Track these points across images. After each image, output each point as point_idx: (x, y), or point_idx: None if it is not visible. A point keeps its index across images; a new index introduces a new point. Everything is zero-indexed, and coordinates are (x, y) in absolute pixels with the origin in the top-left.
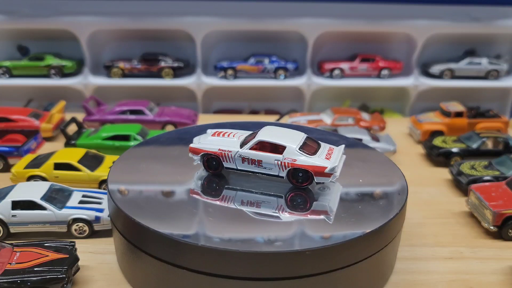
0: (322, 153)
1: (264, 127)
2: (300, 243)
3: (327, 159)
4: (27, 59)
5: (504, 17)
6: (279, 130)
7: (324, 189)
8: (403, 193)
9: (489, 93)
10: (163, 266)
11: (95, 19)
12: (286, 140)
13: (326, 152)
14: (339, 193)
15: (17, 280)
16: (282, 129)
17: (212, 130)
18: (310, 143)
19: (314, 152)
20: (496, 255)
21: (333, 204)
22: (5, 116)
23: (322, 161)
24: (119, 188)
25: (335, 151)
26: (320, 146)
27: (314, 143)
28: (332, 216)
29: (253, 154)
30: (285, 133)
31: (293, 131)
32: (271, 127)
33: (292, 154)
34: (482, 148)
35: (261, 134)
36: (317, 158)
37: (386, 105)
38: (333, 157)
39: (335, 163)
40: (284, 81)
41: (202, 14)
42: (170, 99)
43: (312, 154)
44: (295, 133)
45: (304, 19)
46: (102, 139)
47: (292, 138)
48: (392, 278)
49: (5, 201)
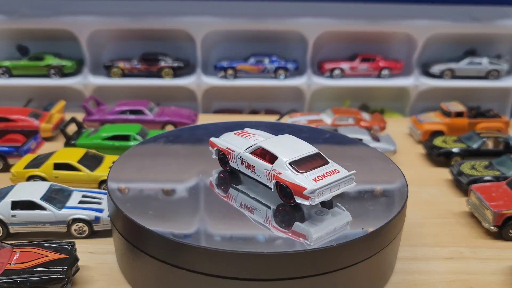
0: (316, 173)
1: (283, 135)
2: (300, 244)
3: (314, 180)
4: (27, 59)
5: (504, 17)
6: (291, 141)
7: (322, 213)
8: (403, 193)
9: (490, 93)
10: (163, 267)
11: (95, 19)
12: (284, 152)
13: (324, 173)
14: (336, 223)
15: (16, 281)
16: (296, 140)
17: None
18: (313, 160)
19: (308, 169)
20: (497, 255)
21: (317, 231)
22: (4, 116)
23: (305, 181)
24: (119, 186)
25: (335, 176)
26: (324, 165)
27: (320, 160)
28: (312, 242)
29: (249, 159)
30: (293, 145)
31: (305, 144)
32: (288, 136)
33: (280, 167)
34: (483, 148)
35: (268, 141)
36: (303, 176)
37: (386, 105)
38: (324, 180)
39: (317, 186)
40: (284, 81)
41: (202, 14)
42: (170, 99)
43: (303, 172)
44: (304, 147)
45: (304, 19)
46: (102, 139)
47: (293, 151)
48: (393, 278)
49: (5, 201)
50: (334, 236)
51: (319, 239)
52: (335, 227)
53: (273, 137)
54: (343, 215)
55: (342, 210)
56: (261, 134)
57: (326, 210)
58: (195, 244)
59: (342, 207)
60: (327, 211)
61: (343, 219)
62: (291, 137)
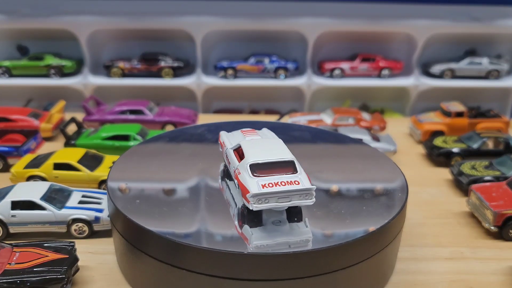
0: (271, 180)
1: (272, 138)
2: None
3: (262, 186)
4: (26, 59)
5: (504, 17)
6: (273, 145)
7: (278, 224)
8: (403, 193)
9: (490, 93)
10: (163, 267)
11: (95, 19)
12: (255, 154)
13: (280, 181)
14: (288, 238)
15: (16, 281)
16: (278, 145)
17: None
18: (279, 167)
19: (266, 175)
20: (497, 255)
21: (259, 239)
22: (4, 116)
23: (253, 185)
24: (120, 186)
25: (289, 187)
26: (288, 174)
27: (287, 169)
28: (251, 248)
29: (230, 155)
30: (270, 149)
31: (284, 151)
32: (275, 141)
33: (242, 167)
34: (483, 148)
35: (250, 141)
36: (255, 180)
37: (386, 105)
38: (273, 188)
39: (260, 192)
40: (284, 81)
41: (202, 14)
42: (170, 99)
43: (259, 176)
44: (280, 153)
45: (304, 19)
46: (101, 139)
47: (264, 154)
48: (393, 278)
49: (5, 201)
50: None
51: (257, 248)
52: (286, 241)
53: (259, 139)
54: (302, 231)
55: (305, 227)
56: (264, 135)
57: (285, 221)
58: (195, 244)
59: (307, 224)
60: (285, 223)
61: (301, 235)
62: (277, 142)
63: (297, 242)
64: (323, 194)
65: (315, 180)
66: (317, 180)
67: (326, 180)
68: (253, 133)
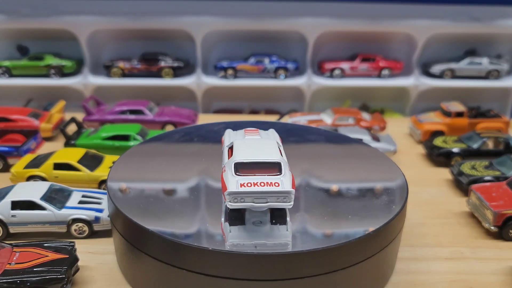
0: (252, 179)
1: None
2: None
3: (241, 185)
4: (26, 59)
5: (504, 17)
6: (264, 145)
7: (258, 224)
8: (403, 193)
9: (490, 93)
10: (163, 267)
11: (95, 19)
12: (243, 153)
13: (260, 182)
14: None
15: (16, 281)
16: (269, 146)
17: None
18: (263, 167)
19: (249, 174)
20: (497, 255)
21: (235, 238)
22: (4, 116)
23: (232, 183)
24: (120, 186)
25: (266, 188)
26: (271, 175)
27: (271, 170)
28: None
29: (224, 153)
30: (260, 149)
31: (273, 152)
32: (268, 141)
33: (228, 165)
34: (483, 148)
35: (242, 140)
36: (236, 179)
37: (386, 105)
38: (250, 188)
39: (236, 190)
40: (284, 81)
41: (202, 14)
42: (170, 99)
43: (240, 174)
44: (268, 154)
45: (304, 19)
46: (101, 139)
47: (252, 154)
48: (393, 278)
49: (5, 201)
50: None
51: (236, 248)
52: (264, 243)
53: (255, 139)
54: (282, 234)
55: (286, 230)
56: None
57: (266, 222)
58: (195, 244)
59: (289, 228)
60: (266, 224)
61: (280, 238)
62: (270, 143)
63: (274, 245)
64: (323, 194)
65: (315, 180)
66: (317, 180)
67: (326, 180)
68: (255, 133)
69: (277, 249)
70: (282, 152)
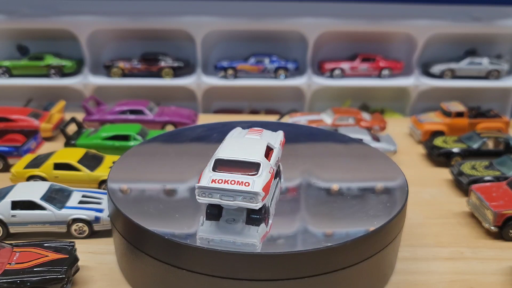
0: (225, 177)
1: (257, 138)
2: (299, 244)
3: (212, 180)
4: (26, 58)
5: (504, 17)
6: (251, 144)
7: (231, 222)
8: (403, 193)
9: (490, 93)
10: (163, 267)
11: (95, 19)
12: (227, 150)
13: (231, 180)
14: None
15: (16, 281)
16: (256, 145)
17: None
18: (242, 166)
19: (225, 171)
20: (497, 255)
21: (206, 232)
22: (4, 116)
23: (205, 177)
24: (121, 187)
25: (235, 186)
26: (246, 174)
27: (249, 170)
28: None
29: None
30: (246, 148)
31: (257, 152)
32: (258, 140)
33: (211, 161)
34: (483, 148)
35: (233, 138)
36: (210, 174)
37: (386, 105)
38: (219, 185)
39: (205, 185)
40: (285, 81)
41: (202, 14)
42: (170, 99)
43: (217, 171)
44: (251, 154)
45: (305, 19)
46: (102, 139)
47: (235, 152)
48: (393, 278)
49: (5, 201)
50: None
51: (202, 240)
52: (233, 241)
53: (248, 137)
54: (251, 234)
55: (256, 232)
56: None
57: (240, 221)
58: (195, 244)
59: (260, 230)
60: (238, 222)
61: (248, 238)
62: (259, 143)
63: (242, 244)
64: (324, 193)
65: (316, 180)
66: (318, 179)
67: (326, 180)
68: (256, 133)
69: (244, 249)
70: (274, 154)
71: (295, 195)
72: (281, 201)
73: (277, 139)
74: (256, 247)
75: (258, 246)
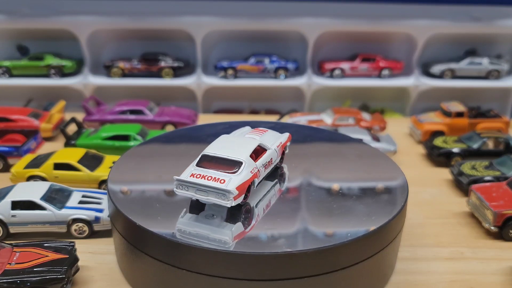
0: (205, 172)
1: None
2: (300, 244)
3: (191, 175)
4: (27, 59)
5: (504, 17)
6: (240, 143)
7: (208, 218)
8: (403, 193)
9: (490, 93)
10: (163, 267)
11: (95, 19)
12: (216, 147)
13: (209, 176)
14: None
15: (16, 281)
16: (243, 144)
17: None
18: (225, 164)
19: (207, 167)
20: (497, 255)
21: (183, 225)
22: (4, 116)
23: (186, 171)
24: (121, 188)
25: (209, 182)
26: (225, 171)
27: (229, 167)
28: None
29: None
30: (234, 147)
31: (243, 152)
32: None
33: (199, 156)
34: (483, 148)
35: (227, 136)
36: (192, 169)
37: (386, 105)
38: (195, 180)
39: (182, 178)
40: (285, 81)
41: (202, 14)
42: (170, 99)
43: (200, 166)
44: (236, 153)
45: (305, 19)
46: (102, 139)
47: (222, 150)
48: (393, 278)
49: (5, 201)
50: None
51: (179, 233)
52: (206, 236)
53: (238, 136)
54: (225, 232)
55: (229, 231)
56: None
57: (218, 217)
58: (195, 244)
59: (235, 228)
60: (217, 218)
61: (221, 235)
62: (250, 142)
63: (214, 239)
64: (324, 193)
65: (316, 179)
66: (318, 179)
67: (326, 180)
68: (258, 133)
69: (215, 244)
70: (266, 155)
71: (295, 195)
72: (282, 201)
73: (276, 141)
74: (228, 244)
75: (230, 244)
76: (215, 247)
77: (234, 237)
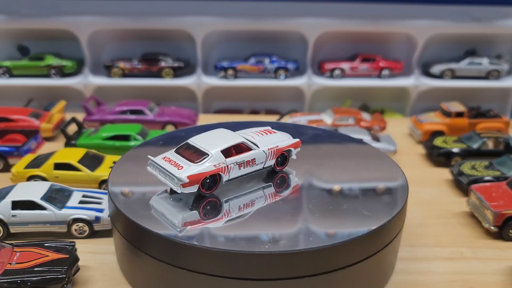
0: (178, 159)
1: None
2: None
3: (163, 158)
4: (27, 59)
5: (504, 17)
6: (226, 138)
7: (172, 200)
8: (403, 193)
9: (490, 93)
10: (163, 267)
11: (95, 19)
12: (201, 139)
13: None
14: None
15: (17, 280)
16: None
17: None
18: (197, 153)
19: (183, 155)
20: (497, 255)
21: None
22: (5, 116)
23: (161, 155)
24: (122, 189)
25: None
26: (193, 161)
27: (198, 157)
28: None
29: None
30: (218, 140)
31: (224, 144)
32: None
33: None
34: (483, 148)
35: (220, 129)
36: (169, 153)
37: (386, 105)
38: (164, 163)
39: (154, 160)
40: (285, 81)
41: (202, 14)
42: (170, 99)
43: (177, 153)
44: (216, 145)
45: (305, 19)
46: (102, 139)
47: (205, 142)
48: (393, 278)
49: (5, 201)
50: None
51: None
52: (162, 213)
53: (226, 132)
54: (178, 217)
55: (181, 216)
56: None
57: (179, 200)
58: (195, 244)
59: (188, 216)
60: (181, 202)
61: (173, 218)
62: (233, 138)
63: (167, 220)
64: (324, 193)
65: (316, 179)
66: (318, 179)
67: (327, 180)
68: (260, 133)
69: (166, 224)
70: (248, 154)
71: (296, 195)
72: (282, 200)
73: (272, 144)
74: (175, 227)
75: (178, 228)
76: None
77: (185, 223)
